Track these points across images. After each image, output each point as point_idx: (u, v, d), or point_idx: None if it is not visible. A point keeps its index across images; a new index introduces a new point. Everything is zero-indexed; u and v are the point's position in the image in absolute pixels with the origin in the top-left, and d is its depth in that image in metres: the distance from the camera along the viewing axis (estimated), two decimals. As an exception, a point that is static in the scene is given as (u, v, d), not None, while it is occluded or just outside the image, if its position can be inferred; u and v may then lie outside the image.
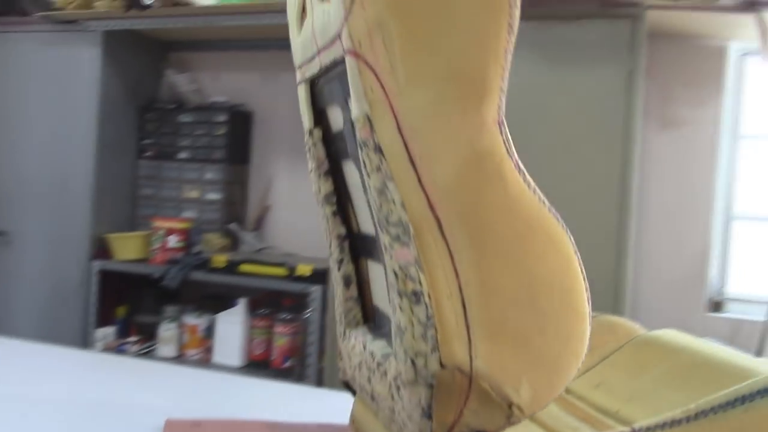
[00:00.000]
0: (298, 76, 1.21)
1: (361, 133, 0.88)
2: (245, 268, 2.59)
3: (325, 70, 1.06)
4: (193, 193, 2.97)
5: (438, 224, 0.85)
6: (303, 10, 1.15)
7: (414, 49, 0.83)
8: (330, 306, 2.46)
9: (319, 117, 1.21)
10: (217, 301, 2.89)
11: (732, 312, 2.55)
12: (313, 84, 1.19)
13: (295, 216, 3.04)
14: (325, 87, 1.13)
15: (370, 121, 0.86)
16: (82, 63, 2.83)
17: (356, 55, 0.86)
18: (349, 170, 1.17)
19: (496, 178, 0.85)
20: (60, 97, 2.87)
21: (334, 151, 1.21)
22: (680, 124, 2.54)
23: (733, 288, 2.59)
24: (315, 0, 1.02)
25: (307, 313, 2.54)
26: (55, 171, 2.87)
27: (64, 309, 2.83)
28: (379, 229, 0.90)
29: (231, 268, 2.59)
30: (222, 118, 2.95)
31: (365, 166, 0.89)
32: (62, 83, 2.86)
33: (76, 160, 2.84)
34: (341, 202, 1.24)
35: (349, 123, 1.06)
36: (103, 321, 2.82)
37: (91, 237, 2.83)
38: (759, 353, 2.33)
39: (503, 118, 0.85)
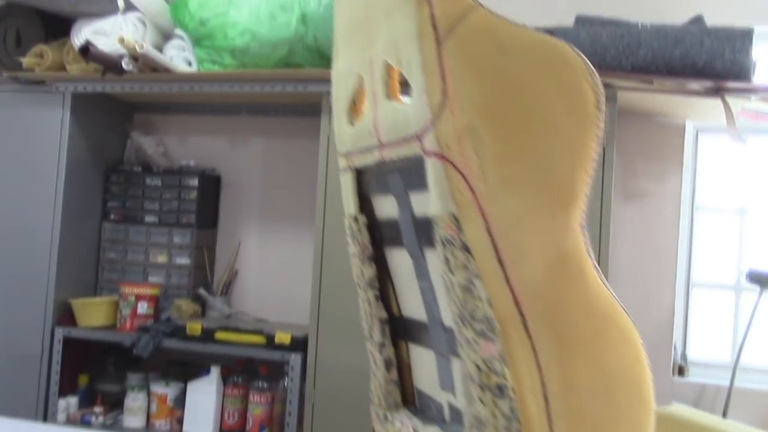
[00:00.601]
0: (343, 162, 1.24)
1: (445, 231, 0.91)
2: (221, 335, 2.55)
3: (386, 163, 1.09)
4: (162, 258, 2.92)
5: (523, 321, 0.89)
6: (354, 103, 1.19)
7: (506, 157, 0.87)
8: (310, 374, 2.45)
9: (363, 203, 1.24)
10: (184, 368, 2.83)
11: (695, 376, 2.66)
12: (358, 172, 1.23)
13: (263, 280, 3.02)
14: (377, 177, 1.17)
15: (457, 220, 0.89)
16: (49, 124, 2.78)
17: (443, 158, 0.90)
18: (397, 257, 1.20)
19: (578, 277, 0.90)
20: (24, 157, 2.80)
21: (378, 237, 1.24)
22: (643, 196, 2.68)
23: (696, 353, 2.71)
24: (381, 96, 1.05)
25: (286, 381, 2.52)
26: (17, 233, 2.78)
27: (24, 378, 2.71)
28: (460, 323, 0.93)
29: (207, 336, 2.55)
30: (192, 182, 2.93)
31: (448, 263, 0.92)
32: (27, 143, 2.80)
33: (40, 221, 2.76)
34: (382, 286, 1.26)
35: (409, 215, 1.10)
36: (65, 390, 2.71)
37: (54, 302, 2.74)
38: (724, 417, 2.43)
39: (585, 221, 0.91)
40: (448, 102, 0.89)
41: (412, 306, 1.20)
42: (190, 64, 2.60)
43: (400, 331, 1.26)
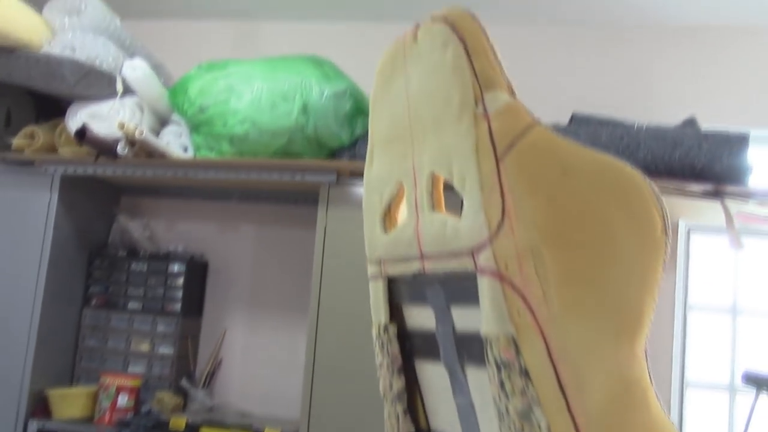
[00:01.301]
0: (374, 269, 1.20)
1: (501, 353, 0.87)
2: (207, 431, 2.44)
3: (426, 275, 1.06)
4: (144, 347, 2.81)
5: (584, 451, 0.85)
6: (389, 209, 1.17)
7: (570, 281, 0.85)
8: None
9: (393, 312, 1.20)
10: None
11: (692, 480, 2.61)
12: (390, 280, 1.19)
13: (248, 371, 2.93)
14: (412, 287, 1.13)
15: (515, 343, 0.86)
16: (35, 206, 2.71)
17: (501, 277, 0.87)
18: (429, 370, 1.16)
19: (641, 405, 0.86)
20: (8, 240, 2.71)
21: (408, 347, 1.19)
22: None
23: (692, 455, 2.66)
24: (425, 206, 1.03)
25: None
26: (-6, 318, 2.67)
27: (-9, 474, 2.55)
28: (516, 451, 0.88)
29: (191, 431, 2.44)
30: (179, 268, 2.86)
31: (503, 387, 0.88)
32: (11, 226, 2.72)
33: (20, 307, 2.66)
34: (410, 397, 1.21)
35: (450, 329, 1.06)
36: (35, 487, 2.56)
37: (29, 392, 2.61)
38: None
39: (647, 347, 0.88)
40: (507, 220, 0.87)
41: (446, 421, 1.15)
42: (186, 149, 2.57)
43: (429, 446, 1.21)
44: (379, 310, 1.20)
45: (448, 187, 1.04)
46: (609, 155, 0.85)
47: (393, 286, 1.19)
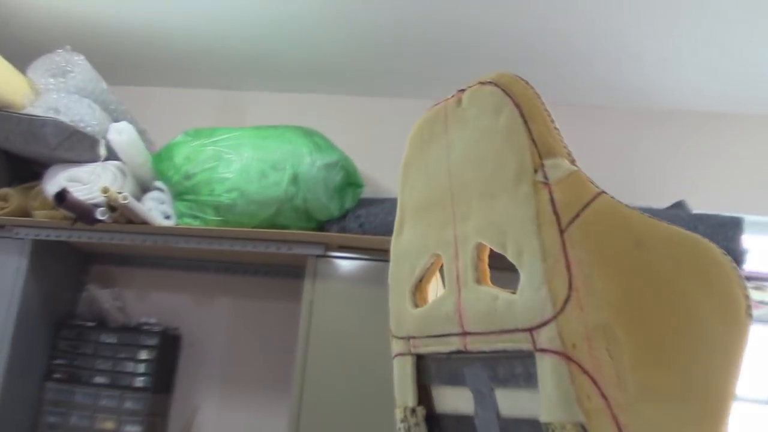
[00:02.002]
0: (401, 346, 1.12)
1: (568, 443, 0.80)
2: None
3: (467, 354, 0.98)
4: (109, 424, 2.64)
5: None
6: (420, 282, 1.10)
7: (647, 362, 0.78)
8: None
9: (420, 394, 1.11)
10: None
11: None
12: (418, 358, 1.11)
13: (220, 453, 2.76)
14: (447, 366, 1.05)
15: (585, 431, 0.78)
16: (4, 271, 2.56)
17: (567, 357, 0.80)
18: (462, 457, 1.07)
19: (725, 501, 0.79)
20: (-30, 307, 2.55)
21: (437, 432, 1.10)
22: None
23: None
24: (469, 280, 0.96)
25: None
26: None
27: None
28: None
29: None
30: (151, 341, 2.72)
31: (569, 480, 0.80)
32: (-25, 293, 2.56)
33: (-22, 380, 2.48)
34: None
35: (493, 414, 0.97)
36: None
37: (-19, 474, 2.41)
38: None
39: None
40: (575, 295, 0.80)
41: None
42: (168, 217, 2.47)
43: None
44: (405, 391, 1.11)
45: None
46: (685, 230, 0.80)
47: (421, 364, 1.11)
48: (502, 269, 0.97)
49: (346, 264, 2.42)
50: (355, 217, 2.44)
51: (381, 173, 2.82)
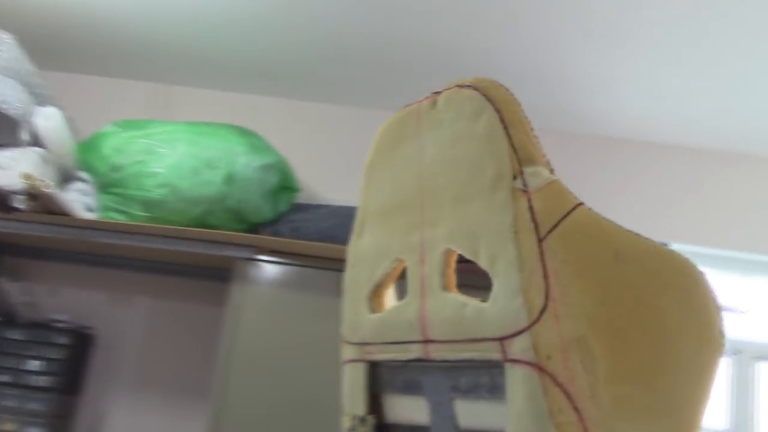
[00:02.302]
0: (352, 352, 1.08)
1: (538, 456, 0.78)
2: None
3: (428, 362, 0.96)
4: (10, 426, 2.48)
5: None
6: (378, 287, 1.06)
7: (622, 377, 0.77)
8: None
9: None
10: None
11: None
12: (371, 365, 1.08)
13: (128, 460, 2.64)
14: (402, 374, 1.02)
15: (556, 445, 0.76)
16: None
17: (541, 369, 0.79)
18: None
19: None
20: None
21: (386, 442, 1.07)
22: None
23: None
24: (435, 287, 0.94)
25: None
26: None
27: None
28: None
29: None
30: (61, 340, 2.58)
31: (536, 495, 0.78)
32: None
33: None
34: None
35: (449, 424, 0.95)
36: None
37: None
38: None
39: None
40: (551, 306, 0.79)
41: None
42: (91, 210, 2.36)
43: None
44: (355, 399, 1.07)
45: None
46: (662, 244, 0.80)
47: (374, 372, 1.07)
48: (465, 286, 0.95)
49: (277, 269, 2.36)
50: (289, 221, 2.38)
51: (316, 180, 2.78)
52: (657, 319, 0.77)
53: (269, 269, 2.35)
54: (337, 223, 2.32)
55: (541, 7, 2.20)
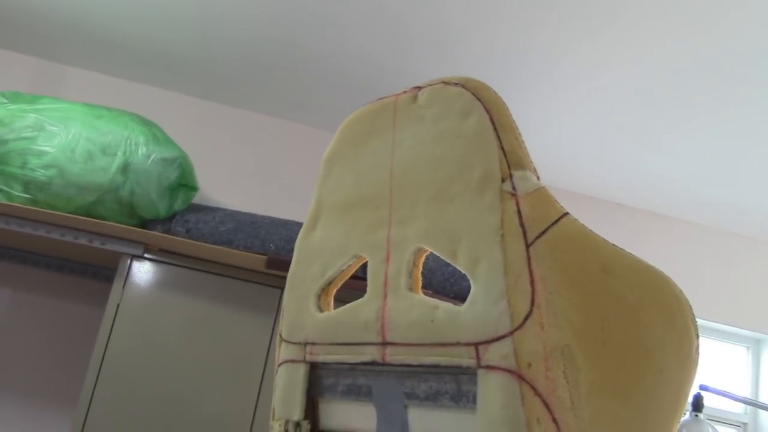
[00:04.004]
0: (293, 352, 1.02)
1: (510, 468, 0.74)
2: None
3: (382, 366, 0.91)
4: None
5: None
6: (329, 284, 1.01)
7: (603, 390, 0.76)
8: None
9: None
10: None
11: None
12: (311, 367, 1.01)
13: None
14: (349, 378, 0.96)
15: (531, 457, 0.74)
16: None
17: (520, 377, 0.76)
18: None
19: None
20: None
21: (319, 450, 1.00)
22: None
23: None
24: (401, 287, 0.89)
25: None
26: None
27: None
28: None
29: None
30: None
31: None
32: None
33: None
34: None
35: (399, 431, 0.90)
36: None
37: None
38: None
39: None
40: (536, 312, 0.77)
41: None
42: (-39, 184, 2.13)
43: None
44: (291, 402, 1.00)
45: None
46: (646, 261, 0.80)
47: (312, 375, 1.01)
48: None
49: (165, 270, 2.22)
50: (184, 221, 2.26)
51: (211, 183, 2.66)
52: (640, 333, 0.77)
53: (157, 269, 2.22)
54: (236, 228, 2.22)
55: (471, 30, 2.23)
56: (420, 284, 0.91)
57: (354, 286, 1.07)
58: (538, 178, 0.85)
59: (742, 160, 2.64)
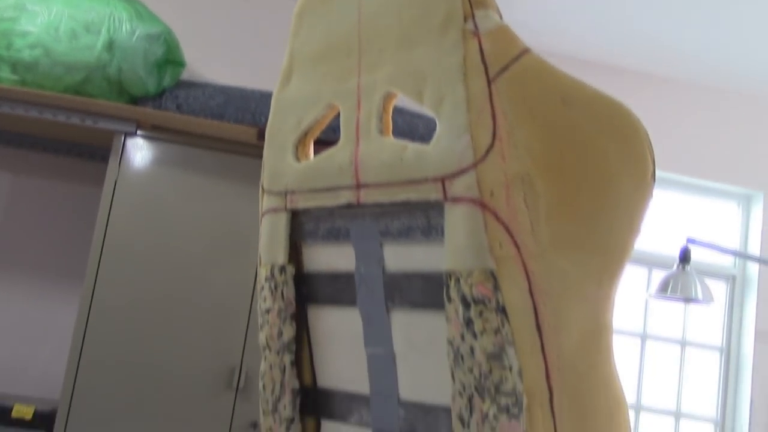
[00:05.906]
0: (275, 201, 1.06)
1: (475, 289, 0.80)
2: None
3: (358, 207, 0.95)
4: None
5: (550, 396, 0.81)
6: (306, 134, 1.04)
7: (561, 213, 0.80)
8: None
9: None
10: None
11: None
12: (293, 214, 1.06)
13: None
14: (327, 222, 1.01)
15: (494, 278, 0.79)
16: None
17: (483, 205, 0.81)
18: (331, 317, 1.05)
19: (607, 352, 0.85)
20: None
21: (303, 292, 1.07)
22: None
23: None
24: (372, 131, 0.93)
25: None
26: None
27: None
28: (477, 396, 0.81)
29: None
30: None
31: (470, 326, 0.81)
32: None
33: None
34: (297, 350, 1.08)
35: (378, 269, 0.96)
36: None
37: None
38: None
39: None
40: (498, 145, 0.80)
41: (343, 377, 1.04)
42: (-51, 68, 2.14)
43: (310, 404, 1.08)
44: (275, 248, 1.05)
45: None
46: (606, 93, 0.83)
47: (294, 222, 1.06)
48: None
49: (159, 147, 2.25)
50: (173, 97, 2.27)
51: (200, 59, 2.65)
52: (598, 161, 0.81)
53: (151, 146, 2.25)
54: (227, 102, 2.24)
55: None
56: (390, 127, 0.94)
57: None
58: (500, 17, 0.87)
59: (725, 14, 2.60)
